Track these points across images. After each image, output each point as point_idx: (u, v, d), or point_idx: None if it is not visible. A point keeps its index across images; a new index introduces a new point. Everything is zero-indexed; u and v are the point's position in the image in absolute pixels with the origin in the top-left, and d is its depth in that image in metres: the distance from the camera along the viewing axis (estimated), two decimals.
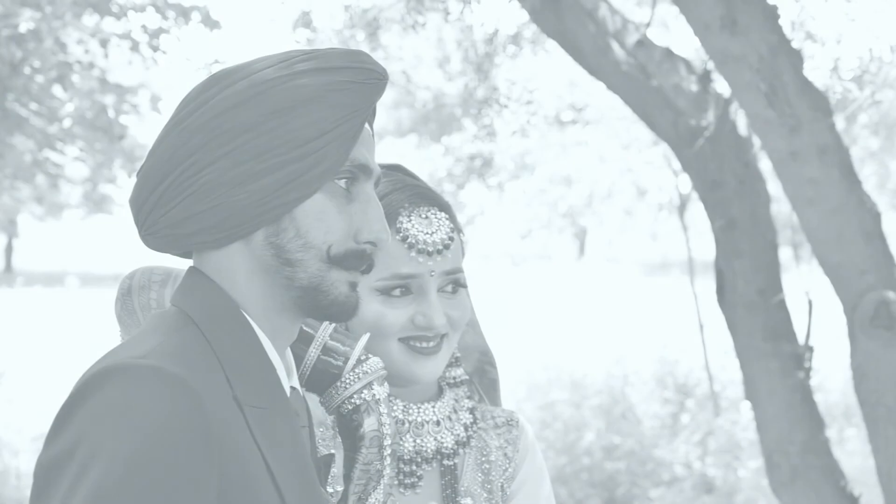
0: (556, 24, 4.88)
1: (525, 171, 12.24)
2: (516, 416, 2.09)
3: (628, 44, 4.82)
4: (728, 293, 4.69)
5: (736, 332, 4.68)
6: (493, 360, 2.16)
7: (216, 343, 1.50)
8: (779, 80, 3.87)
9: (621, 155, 11.38)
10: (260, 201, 1.51)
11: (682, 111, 4.71)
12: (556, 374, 10.79)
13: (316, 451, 1.72)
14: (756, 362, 4.60)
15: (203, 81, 1.58)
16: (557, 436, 9.45)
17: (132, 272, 1.78)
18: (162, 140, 1.56)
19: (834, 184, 3.92)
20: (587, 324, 17.64)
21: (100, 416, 1.35)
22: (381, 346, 1.90)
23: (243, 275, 1.56)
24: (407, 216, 1.91)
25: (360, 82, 1.57)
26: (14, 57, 7.25)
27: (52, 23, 7.44)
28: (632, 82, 4.76)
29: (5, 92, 7.78)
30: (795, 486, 4.52)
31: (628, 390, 10.46)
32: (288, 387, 1.61)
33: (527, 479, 2.03)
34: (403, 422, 1.96)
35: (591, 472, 9.07)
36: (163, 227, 1.56)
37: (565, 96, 11.90)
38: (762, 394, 4.59)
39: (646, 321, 17.39)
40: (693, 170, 4.72)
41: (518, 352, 13.23)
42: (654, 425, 9.83)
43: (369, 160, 1.61)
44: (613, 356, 11.16)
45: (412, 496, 1.95)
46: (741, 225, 4.65)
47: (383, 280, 1.88)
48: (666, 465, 9.28)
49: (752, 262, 4.63)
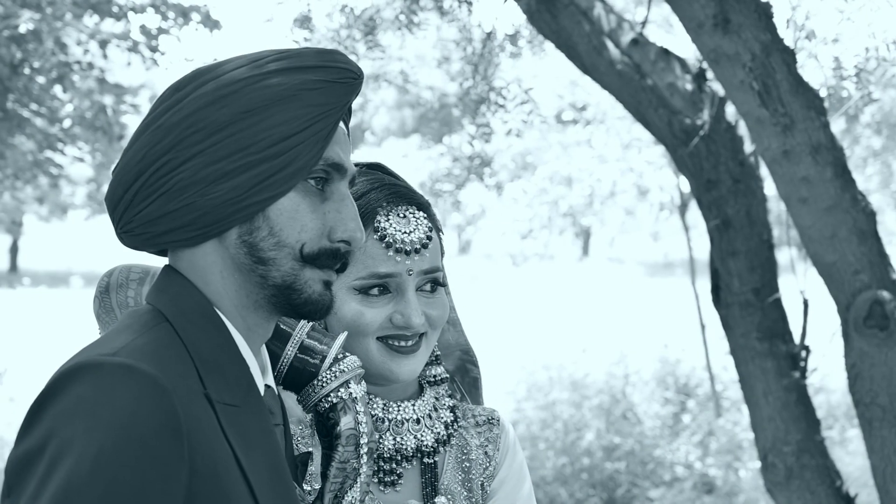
0: (550, 23, 4.87)
1: (526, 170, 12.24)
2: (497, 414, 2.09)
3: (623, 43, 4.81)
4: (723, 292, 4.67)
5: (731, 332, 4.66)
6: (474, 359, 2.16)
7: (189, 341, 1.51)
8: (772, 79, 3.87)
9: (622, 154, 11.37)
10: (233, 200, 1.52)
11: (677, 110, 4.69)
12: (557, 374, 10.78)
13: (292, 449, 1.73)
14: (751, 362, 4.58)
15: (177, 81, 1.59)
16: (557, 436, 9.45)
17: (110, 270, 1.78)
18: (136, 139, 1.56)
19: (827, 183, 3.91)
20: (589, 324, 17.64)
21: (70, 413, 1.35)
22: (360, 345, 1.90)
23: (217, 273, 1.56)
24: (385, 215, 1.91)
25: (333, 81, 1.57)
26: (14, 58, 7.26)
27: (53, 24, 7.46)
28: (626, 81, 4.75)
29: (6, 93, 7.80)
30: (791, 487, 4.51)
31: (629, 390, 10.45)
32: (262, 385, 1.61)
33: (507, 477, 2.03)
34: (383, 420, 1.96)
35: (591, 472, 9.06)
36: (137, 226, 1.56)
37: (566, 96, 11.92)
38: (757, 394, 4.57)
39: (648, 321, 17.39)
40: (688, 169, 4.71)
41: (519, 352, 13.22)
42: (654, 425, 9.82)
43: (343, 159, 1.61)
44: (615, 356, 11.15)
45: (392, 494, 1.95)
46: (736, 224, 4.63)
47: (361, 279, 1.89)
48: (666, 466, 9.27)
49: (747, 261, 4.62)
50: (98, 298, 1.76)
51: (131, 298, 1.75)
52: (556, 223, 11.71)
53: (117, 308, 1.76)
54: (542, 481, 8.93)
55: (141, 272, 1.78)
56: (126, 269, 1.77)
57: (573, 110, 11.77)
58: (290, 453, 1.71)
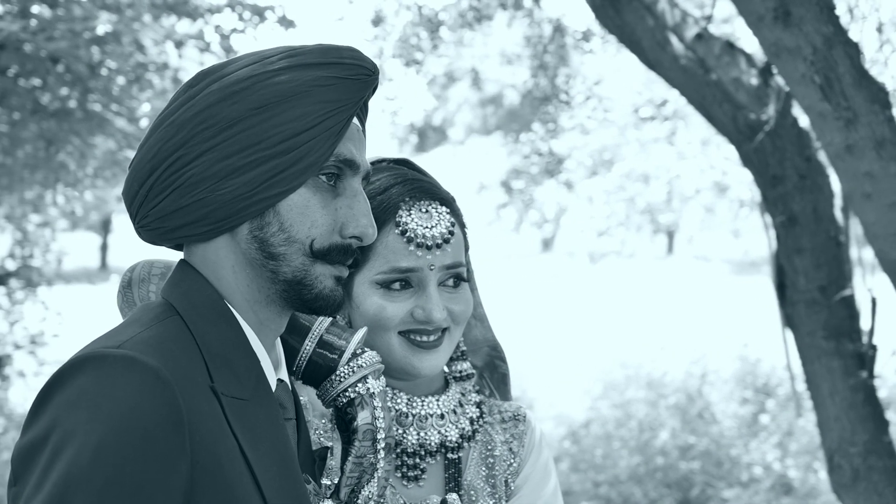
0: (615, 18, 4.83)
1: (603, 168, 12.13)
2: (523, 410, 2.08)
3: (687, 37, 4.74)
4: (789, 290, 4.58)
5: (797, 331, 4.57)
6: (503, 355, 2.15)
7: (198, 334, 1.52)
8: (834, 73, 3.78)
9: (701, 150, 11.21)
10: (243, 195, 1.53)
11: (742, 105, 4.61)
12: (634, 373, 10.68)
13: (310, 443, 1.73)
14: (817, 361, 4.49)
15: (192, 78, 1.61)
16: (632, 434, 9.36)
17: (133, 265, 1.81)
18: (150, 135, 1.59)
19: (892, 178, 3.81)
20: (671, 322, 17.44)
21: (73, 404, 1.38)
22: (382, 340, 1.90)
23: (229, 268, 1.58)
24: (407, 210, 1.91)
25: (345, 78, 1.58)
26: (92, 58, 7.41)
27: (132, 24, 7.60)
28: (690, 76, 4.69)
29: (87, 93, 7.96)
30: (857, 489, 4.40)
31: (706, 389, 10.31)
32: (274, 379, 1.62)
33: (531, 474, 2.02)
34: (407, 415, 1.96)
35: (665, 471, 8.96)
36: (152, 220, 1.59)
37: (644, 92, 11.78)
38: (823, 393, 4.48)
39: (729, 320, 17.14)
40: (753, 165, 4.62)
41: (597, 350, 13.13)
42: (732, 425, 9.68)
43: (356, 155, 1.61)
44: (694, 355, 11.01)
45: (415, 489, 1.95)
46: (802, 221, 4.53)
47: (383, 274, 1.89)
48: (743, 466, 9.12)
49: (813, 258, 4.52)
50: (121, 293, 1.79)
51: (153, 293, 1.77)
52: (633, 220, 11.59)
53: (139, 302, 1.79)
54: (615, 480, 8.86)
55: (163, 267, 1.80)
56: (148, 264, 1.80)
57: (651, 106, 11.64)
58: (308, 447, 1.72)
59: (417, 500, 1.93)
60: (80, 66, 7.44)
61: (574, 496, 8.74)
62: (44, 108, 7.95)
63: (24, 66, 7.42)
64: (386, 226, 1.88)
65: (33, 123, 8.04)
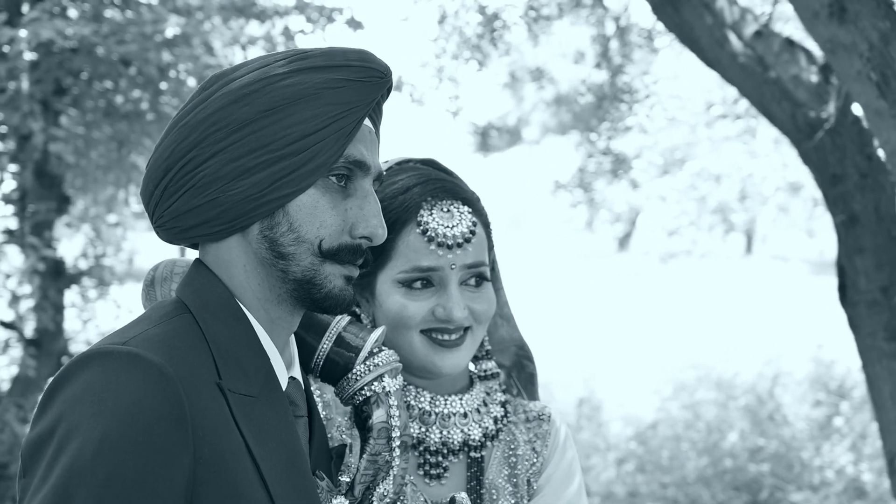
0: (673, 16, 4.79)
1: (674, 167, 12.03)
2: (548, 410, 2.07)
3: (746, 35, 4.68)
4: (849, 290, 4.51)
5: (857, 332, 4.49)
6: (530, 355, 2.15)
7: (208, 331, 1.55)
8: (891, 69, 3.71)
9: (774, 149, 11.06)
10: (253, 196, 1.56)
11: (802, 103, 4.55)
12: (705, 374, 10.57)
13: (325, 441, 1.75)
14: (878, 363, 4.41)
15: (206, 80, 1.64)
16: (700, 436, 9.27)
17: (156, 264, 1.85)
18: (165, 136, 1.62)
19: None
20: (745, 323, 17.22)
21: (78, 399, 1.42)
22: (404, 338, 1.92)
23: (241, 267, 1.61)
24: (428, 209, 1.92)
25: (356, 80, 1.60)
26: (162, 61, 7.54)
27: (200, 27, 7.72)
28: (749, 74, 4.63)
29: (158, 94, 8.11)
30: None
31: (778, 391, 10.16)
32: (286, 377, 1.64)
33: (554, 474, 2.01)
34: (430, 413, 1.97)
35: (734, 473, 8.85)
36: (167, 220, 1.62)
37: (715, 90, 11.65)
38: (884, 396, 4.40)
39: (805, 321, 16.87)
40: (812, 163, 4.55)
41: (669, 350, 13.02)
42: (803, 427, 9.53)
43: (366, 157, 1.63)
44: (766, 356, 10.86)
45: (437, 487, 1.96)
46: (863, 220, 4.45)
47: (404, 272, 1.91)
48: (814, 469, 8.98)
49: (874, 258, 4.44)
50: (145, 291, 1.83)
51: (174, 292, 1.81)
52: (704, 220, 11.47)
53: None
54: (683, 482, 8.78)
55: (185, 266, 1.83)
56: (171, 263, 1.83)
57: (723, 105, 11.50)
58: (323, 444, 1.74)
59: (439, 498, 1.94)
60: (151, 68, 7.57)
61: (640, 498, 8.68)
62: (116, 109, 8.11)
63: (97, 69, 7.58)
64: (408, 225, 1.90)
65: (106, 125, 8.21)
